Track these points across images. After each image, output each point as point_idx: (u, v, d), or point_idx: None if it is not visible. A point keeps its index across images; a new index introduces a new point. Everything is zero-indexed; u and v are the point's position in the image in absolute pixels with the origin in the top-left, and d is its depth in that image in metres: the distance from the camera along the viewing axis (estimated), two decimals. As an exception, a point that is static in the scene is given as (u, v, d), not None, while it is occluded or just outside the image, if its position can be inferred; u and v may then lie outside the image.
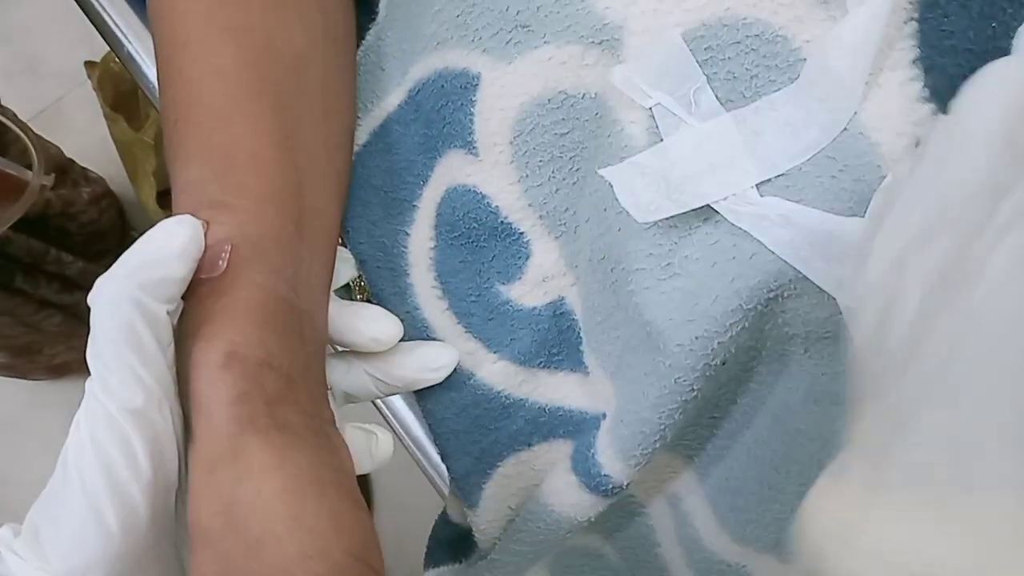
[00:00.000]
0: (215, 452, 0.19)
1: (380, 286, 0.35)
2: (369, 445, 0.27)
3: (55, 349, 0.99)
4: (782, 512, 0.27)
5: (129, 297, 0.20)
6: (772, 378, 0.26)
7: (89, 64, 0.87)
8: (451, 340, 0.32)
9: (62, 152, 0.86)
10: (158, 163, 0.87)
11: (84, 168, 0.90)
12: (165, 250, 0.21)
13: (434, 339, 0.33)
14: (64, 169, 0.85)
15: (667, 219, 0.25)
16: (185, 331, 0.22)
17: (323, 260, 0.29)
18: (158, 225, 0.22)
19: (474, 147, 0.31)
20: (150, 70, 0.52)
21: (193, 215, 0.24)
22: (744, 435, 0.28)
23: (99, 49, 0.89)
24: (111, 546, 0.19)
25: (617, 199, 0.25)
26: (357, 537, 0.19)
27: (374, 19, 0.39)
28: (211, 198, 0.25)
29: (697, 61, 0.24)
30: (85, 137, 1.04)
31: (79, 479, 0.19)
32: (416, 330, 0.33)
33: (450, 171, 0.33)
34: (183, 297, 0.23)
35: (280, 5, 0.31)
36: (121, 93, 0.89)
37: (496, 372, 0.32)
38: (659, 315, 0.25)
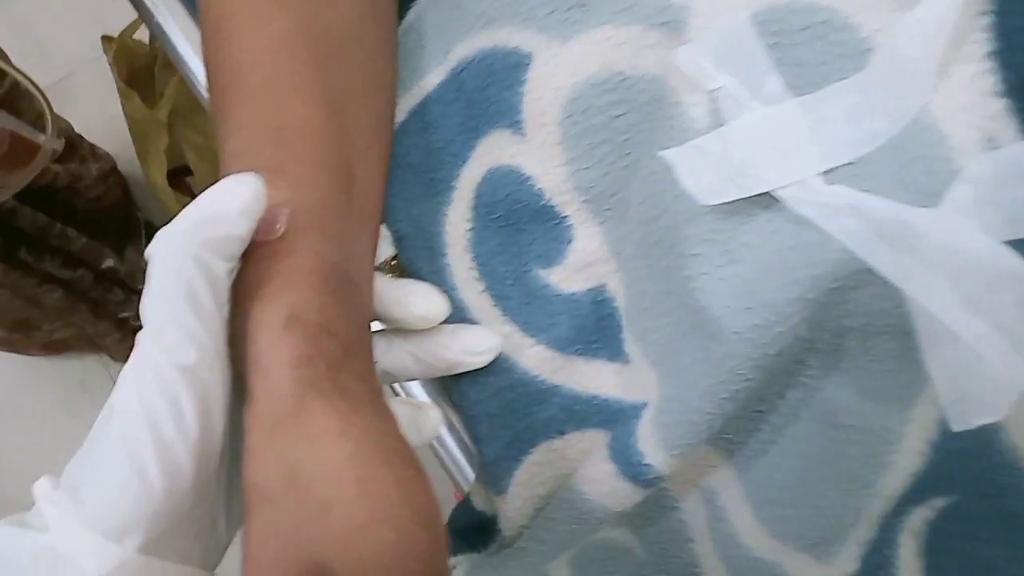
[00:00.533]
0: (276, 414, 0.18)
1: (417, 265, 0.34)
2: (416, 421, 0.27)
3: (53, 325, 0.97)
4: (828, 510, 0.27)
5: (190, 253, 0.19)
6: (823, 372, 0.26)
7: (106, 39, 0.86)
8: (487, 322, 0.32)
9: (71, 127, 0.85)
10: (171, 141, 0.87)
11: (92, 145, 0.89)
12: (228, 207, 0.20)
13: (471, 321, 0.32)
14: (73, 144, 0.84)
15: (726, 205, 0.24)
16: (242, 293, 0.21)
17: (370, 233, 0.29)
18: (220, 182, 0.21)
19: (520, 126, 0.31)
20: (179, 40, 0.51)
21: None
22: (790, 430, 0.27)
23: (111, 26, 0.88)
24: (152, 505, 0.19)
25: (675, 182, 0.25)
26: (424, 505, 0.18)
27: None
28: (265, 164, 0.24)
29: (764, 45, 0.24)
30: (93, 115, 1.03)
31: (123, 434, 0.19)
32: (453, 311, 0.33)
33: (492, 151, 0.32)
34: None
35: None
36: (136, 70, 0.88)
37: (532, 357, 0.31)
38: (715, 301, 0.24)
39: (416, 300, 0.29)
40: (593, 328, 0.31)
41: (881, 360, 0.24)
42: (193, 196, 1.07)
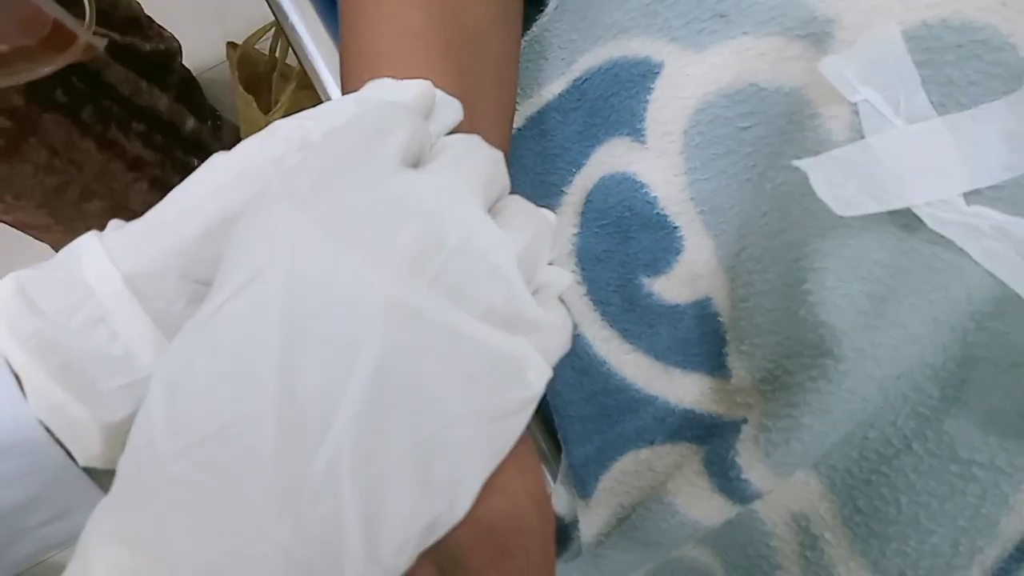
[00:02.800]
0: None
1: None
2: None
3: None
4: (938, 548, 0.25)
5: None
6: (944, 403, 0.25)
7: (230, 45, 0.92)
8: (587, 326, 0.32)
9: (141, 7, 0.87)
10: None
11: (161, 27, 0.92)
12: None
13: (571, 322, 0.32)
14: (139, 20, 0.87)
15: (859, 220, 0.24)
16: None
17: None
18: None
19: (642, 134, 0.31)
20: (308, 41, 0.55)
21: None
22: (900, 460, 0.26)
23: (236, 33, 0.94)
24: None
25: (804, 195, 0.25)
26: (536, 484, 0.18)
27: (542, 10, 0.40)
28: None
29: (913, 61, 0.24)
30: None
31: None
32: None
33: (609, 158, 0.33)
34: None
35: None
36: (255, 76, 0.93)
37: (629, 364, 0.31)
38: (838, 318, 0.24)
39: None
40: (695, 341, 0.31)
41: (1012, 395, 0.23)
42: None
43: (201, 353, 0.16)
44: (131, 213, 0.22)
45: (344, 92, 0.30)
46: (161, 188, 0.94)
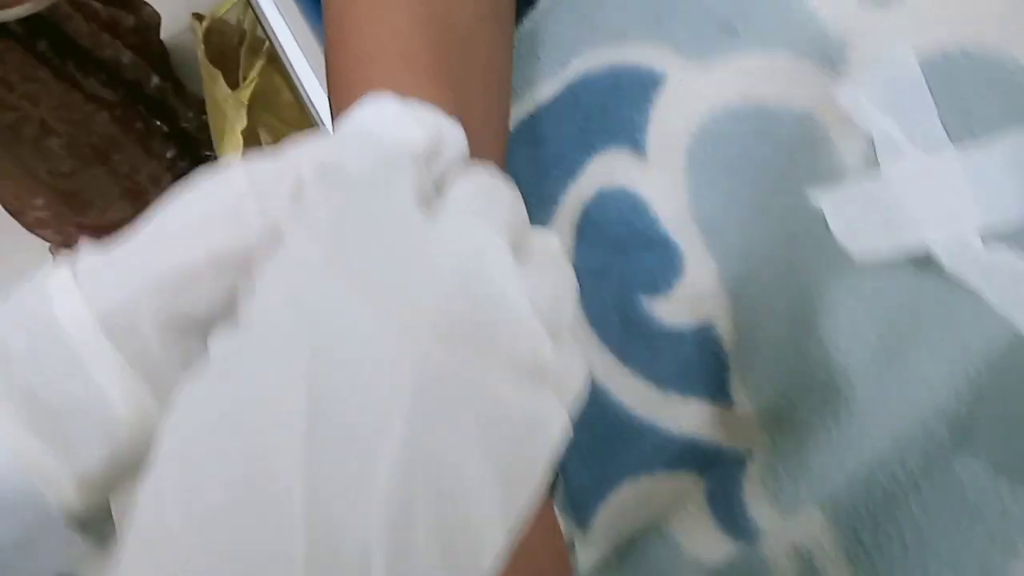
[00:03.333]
0: None
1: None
2: None
3: (106, 200, 0.99)
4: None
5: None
6: (956, 446, 0.24)
7: (196, 16, 0.88)
8: (584, 347, 0.31)
9: None
10: (249, 124, 0.87)
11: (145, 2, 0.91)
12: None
13: None
14: None
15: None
16: None
17: None
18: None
19: (643, 148, 0.30)
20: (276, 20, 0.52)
21: None
22: (908, 499, 0.25)
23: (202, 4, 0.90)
24: None
25: (816, 223, 0.24)
26: (559, 543, 0.17)
27: (533, 4, 0.37)
28: None
29: (930, 89, 0.22)
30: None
31: None
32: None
33: (607, 170, 0.31)
34: None
35: None
36: (222, 50, 0.89)
37: (627, 389, 0.30)
38: (851, 359, 0.23)
39: None
40: (696, 366, 0.30)
41: (1026, 440, 0.23)
42: None
43: (215, 422, 0.15)
44: (92, 150, 0.20)
45: (333, 96, 0.29)
46: (123, 124, 0.93)
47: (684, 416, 0.30)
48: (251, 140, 0.92)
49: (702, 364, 0.30)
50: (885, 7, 0.23)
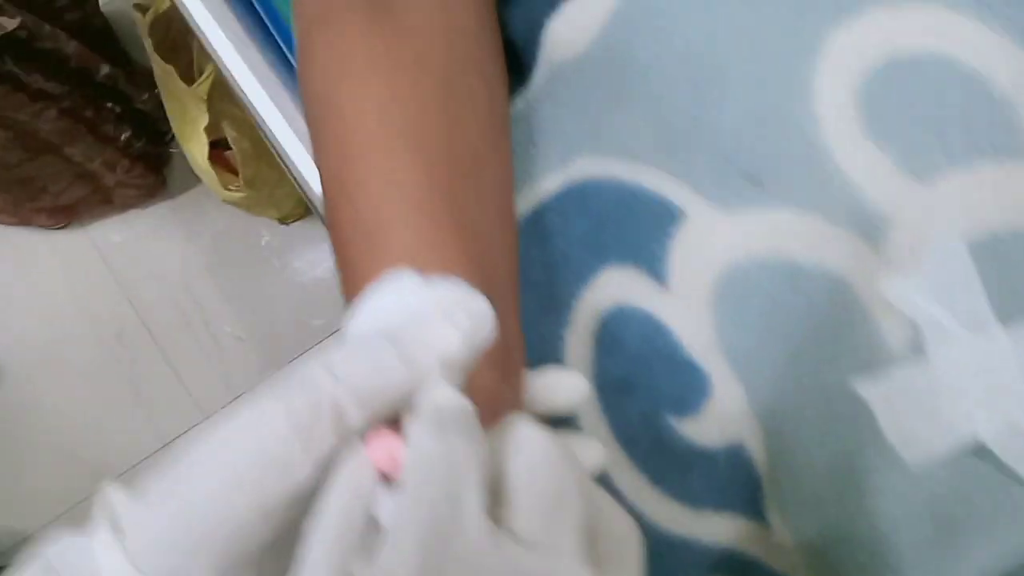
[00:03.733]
0: None
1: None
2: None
3: (58, 186, 0.98)
4: None
5: None
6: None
7: (138, 7, 0.81)
8: (618, 472, 0.31)
9: None
10: (212, 119, 0.83)
11: None
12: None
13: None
14: None
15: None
16: None
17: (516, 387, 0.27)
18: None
19: (664, 278, 0.29)
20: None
21: None
22: None
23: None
24: None
25: (854, 395, 0.23)
26: None
27: (523, 83, 0.35)
28: None
29: (979, 273, 0.21)
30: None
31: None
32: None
33: (623, 288, 0.30)
34: None
35: (456, 98, 0.28)
36: (171, 39, 0.83)
37: (661, 510, 0.30)
38: (902, 538, 0.23)
39: (559, 387, 0.26)
40: (727, 483, 0.30)
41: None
42: (235, 172, 1.04)
43: None
44: (41, 142, 0.19)
45: (344, 265, 0.27)
46: (72, 116, 0.90)
47: (720, 530, 0.30)
48: (214, 132, 0.87)
49: (735, 482, 0.30)
50: (928, 182, 0.22)
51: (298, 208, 1.08)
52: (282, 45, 0.54)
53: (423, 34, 0.28)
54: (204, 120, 0.82)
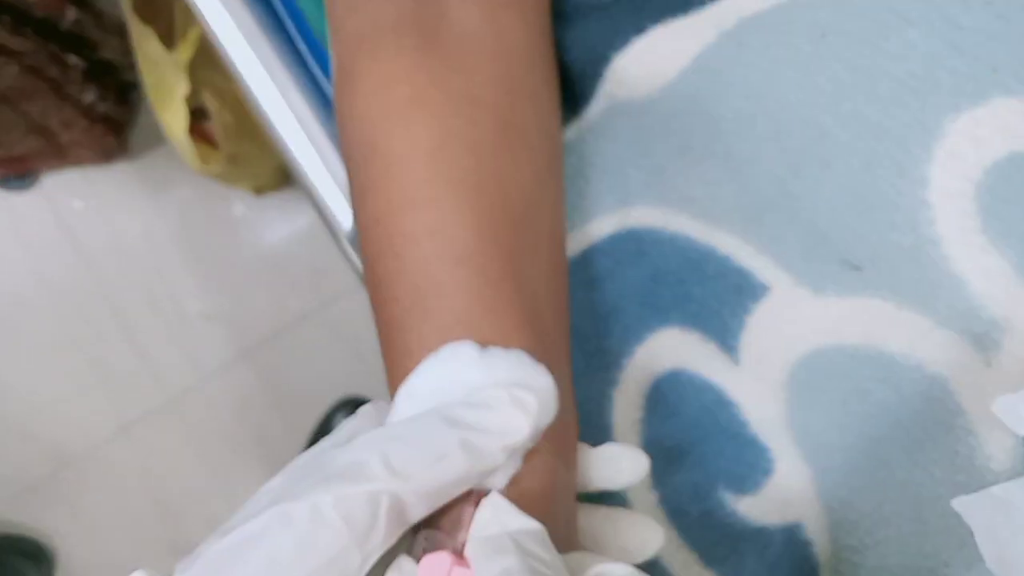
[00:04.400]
0: None
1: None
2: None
3: (11, 135, 0.94)
4: None
5: None
6: None
7: (115, -38, 0.75)
8: (664, 545, 0.29)
9: None
10: (193, 87, 0.77)
11: None
12: None
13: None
14: None
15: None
16: None
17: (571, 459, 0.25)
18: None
19: (734, 352, 0.27)
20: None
21: None
22: None
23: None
24: None
25: (949, 513, 0.22)
26: None
27: (576, 111, 0.32)
28: None
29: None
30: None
31: None
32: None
33: (685, 352, 0.28)
34: None
35: (509, 138, 0.26)
36: (150, 1, 0.77)
37: None
38: None
39: (620, 465, 0.25)
40: (783, 567, 0.29)
41: None
42: (214, 146, 0.99)
43: None
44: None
45: (382, 310, 0.25)
46: (35, 74, 0.86)
47: None
48: (193, 101, 0.82)
49: (791, 564, 0.29)
50: None
51: (275, 179, 1.03)
52: (277, 7, 0.49)
53: (476, 65, 0.26)
54: (184, 89, 0.77)
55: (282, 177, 1.03)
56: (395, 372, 0.24)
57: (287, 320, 1.03)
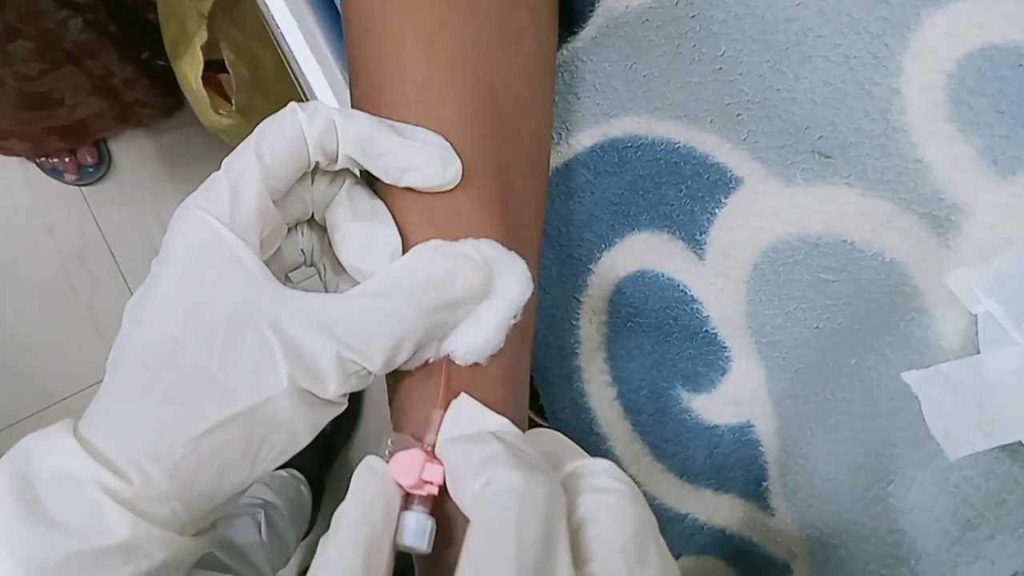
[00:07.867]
0: None
1: (546, 365, 0.31)
2: None
3: (76, 98, 0.93)
4: None
5: None
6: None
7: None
8: (617, 437, 0.30)
9: None
10: (211, 37, 0.79)
11: None
12: None
13: (599, 433, 0.30)
14: None
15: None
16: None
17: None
18: None
19: (701, 248, 0.27)
20: None
21: None
22: None
23: None
24: None
25: (900, 393, 0.22)
26: None
27: (571, 32, 0.33)
28: None
29: (1049, 274, 0.21)
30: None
31: None
32: (580, 420, 0.31)
33: (652, 253, 0.29)
34: None
35: (504, 40, 0.26)
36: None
37: (659, 482, 0.29)
38: (920, 532, 0.22)
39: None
40: (732, 465, 0.29)
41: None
42: (228, 99, 0.99)
43: None
44: (62, 53, 0.17)
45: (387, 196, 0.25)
46: (99, 30, 0.86)
47: (715, 508, 0.30)
48: (210, 54, 0.83)
49: (739, 463, 0.29)
50: (1011, 179, 0.21)
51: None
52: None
53: None
54: (203, 38, 0.78)
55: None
56: None
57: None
